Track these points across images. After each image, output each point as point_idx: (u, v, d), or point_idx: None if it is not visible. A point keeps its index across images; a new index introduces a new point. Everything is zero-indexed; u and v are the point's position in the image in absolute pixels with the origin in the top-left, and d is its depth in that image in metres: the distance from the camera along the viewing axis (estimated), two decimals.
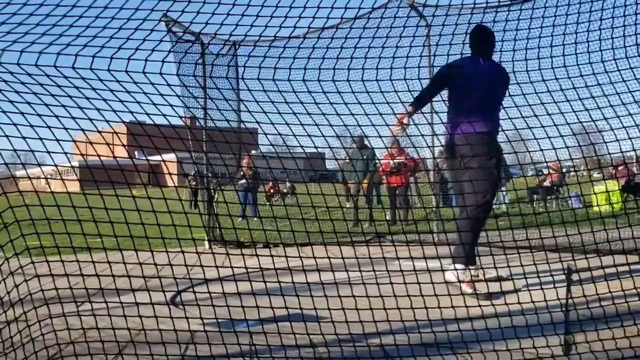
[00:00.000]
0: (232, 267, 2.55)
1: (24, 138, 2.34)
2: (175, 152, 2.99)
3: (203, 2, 2.39)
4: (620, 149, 2.86)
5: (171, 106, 2.57)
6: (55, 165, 2.51)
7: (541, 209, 10.71)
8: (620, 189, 11.20)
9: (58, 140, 2.34)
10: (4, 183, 2.89)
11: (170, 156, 3.44)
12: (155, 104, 2.42)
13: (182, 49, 6.58)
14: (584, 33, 2.79)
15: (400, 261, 2.59)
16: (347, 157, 9.79)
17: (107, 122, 2.49)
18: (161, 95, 2.42)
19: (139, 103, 2.40)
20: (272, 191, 15.27)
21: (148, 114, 2.48)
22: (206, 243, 7.16)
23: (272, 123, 2.71)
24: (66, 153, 2.48)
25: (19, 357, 2.31)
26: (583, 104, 2.86)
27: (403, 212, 9.95)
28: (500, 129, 3.90)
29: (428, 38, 6.24)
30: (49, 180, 2.99)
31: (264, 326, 2.58)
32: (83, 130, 2.47)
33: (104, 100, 2.38)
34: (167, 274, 2.67)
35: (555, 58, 2.78)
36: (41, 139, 2.32)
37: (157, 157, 3.04)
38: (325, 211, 3.06)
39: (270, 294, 2.47)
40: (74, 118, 2.36)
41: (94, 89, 2.38)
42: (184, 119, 6.34)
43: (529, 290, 2.66)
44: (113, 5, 2.37)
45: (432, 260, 2.74)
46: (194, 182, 14.24)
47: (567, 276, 2.57)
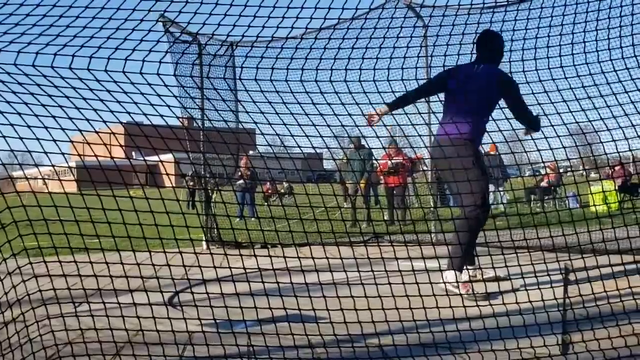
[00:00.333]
0: (230, 268, 2.56)
1: (21, 138, 2.33)
2: (172, 153, 2.99)
3: (200, 3, 2.39)
4: (616, 149, 2.87)
5: (168, 107, 2.58)
6: (52, 165, 2.51)
7: (538, 209, 10.74)
8: (616, 189, 11.23)
9: (55, 140, 2.34)
10: (1, 184, 2.89)
11: (167, 157, 3.44)
12: (152, 105, 2.43)
13: (180, 50, 6.58)
14: (581, 33, 2.80)
15: (398, 261, 2.60)
16: (345, 158, 9.79)
17: (105, 123, 2.48)
18: (158, 95, 2.42)
19: (136, 104, 2.40)
20: (270, 191, 15.27)
21: (145, 115, 2.48)
22: (204, 243, 7.15)
23: (270, 123, 2.71)
24: (63, 153, 2.47)
25: (17, 358, 2.31)
26: (580, 104, 2.87)
27: (401, 213, 9.96)
28: (482, 135, 3.83)
29: (425, 39, 6.26)
30: (46, 180, 2.99)
31: (262, 327, 2.58)
32: (80, 130, 2.47)
33: (101, 100, 2.38)
34: (165, 275, 2.67)
35: (552, 59, 2.79)
36: (38, 140, 2.32)
37: (155, 158, 3.04)
38: (323, 211, 3.06)
39: (268, 295, 2.47)
40: (71, 118, 2.35)
41: (91, 90, 2.38)
42: (182, 120, 6.34)
43: (527, 290, 2.67)
44: (110, 5, 2.38)
45: (430, 260, 2.74)
46: (192, 183, 14.24)
47: (564, 276, 2.58)
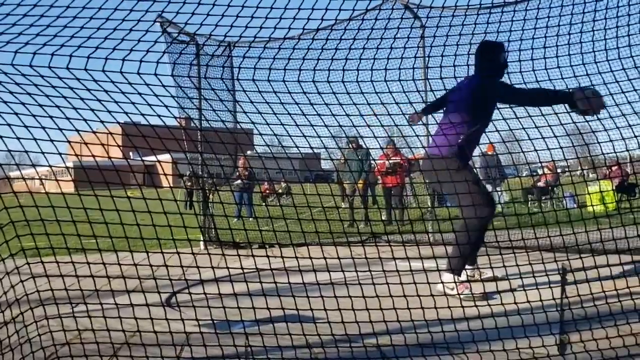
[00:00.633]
0: (228, 268, 2.55)
1: (19, 139, 2.33)
2: (170, 153, 2.98)
3: (198, 3, 2.39)
4: (614, 149, 2.87)
5: (166, 107, 2.57)
6: (49, 166, 2.51)
7: (536, 209, 10.75)
8: (613, 189, 11.26)
9: (53, 141, 2.34)
10: None
11: (165, 157, 3.44)
12: (150, 105, 2.42)
13: (177, 50, 6.58)
14: (577, 34, 2.81)
15: (396, 261, 2.60)
16: (343, 158, 9.79)
17: (102, 123, 2.48)
18: (156, 96, 2.42)
19: (134, 104, 2.40)
20: (268, 191, 15.26)
21: (143, 115, 2.48)
22: (201, 244, 7.15)
23: (268, 124, 2.72)
24: (61, 154, 2.47)
25: (16, 358, 2.30)
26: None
27: (398, 212, 9.97)
28: (472, 145, 3.78)
29: (423, 39, 6.26)
30: (44, 181, 2.98)
31: (260, 327, 2.58)
32: (78, 130, 2.46)
33: (99, 100, 2.38)
34: (163, 275, 2.66)
35: (548, 59, 2.80)
36: (36, 140, 2.31)
37: (152, 158, 3.04)
38: (321, 211, 3.06)
39: (266, 295, 2.47)
40: (69, 119, 2.35)
41: (89, 90, 2.38)
42: (179, 120, 6.33)
43: (525, 290, 2.67)
44: (108, 6, 2.37)
45: (428, 260, 2.75)
46: (189, 183, 14.22)
47: (562, 276, 2.59)
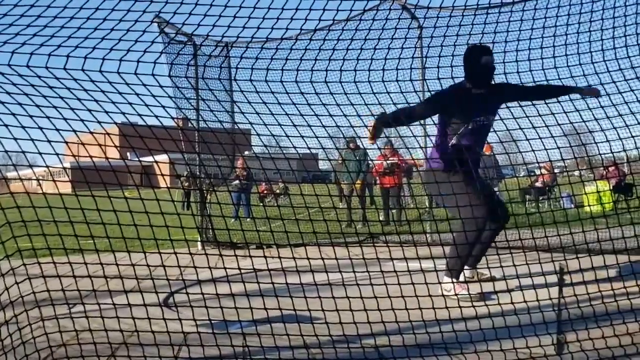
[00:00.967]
0: (226, 268, 2.55)
1: (15, 139, 2.32)
2: (167, 153, 2.98)
3: (195, 4, 2.39)
4: (611, 150, 2.88)
5: (163, 107, 2.57)
6: (46, 166, 2.50)
7: (533, 210, 10.77)
8: (611, 190, 11.29)
9: (50, 141, 2.33)
10: None
11: (162, 157, 3.43)
12: (147, 105, 2.42)
13: (175, 50, 6.57)
14: (574, 34, 2.82)
15: (394, 262, 2.60)
16: (341, 158, 9.79)
17: (99, 123, 2.48)
18: (153, 96, 2.41)
19: (131, 104, 2.40)
20: (265, 192, 15.26)
21: (140, 115, 2.47)
22: (199, 244, 7.14)
23: (265, 124, 2.71)
24: (58, 154, 2.47)
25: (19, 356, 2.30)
26: (574, 105, 2.88)
27: (396, 213, 9.97)
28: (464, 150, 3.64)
29: (420, 39, 6.27)
30: (41, 181, 2.98)
31: (258, 327, 2.58)
32: (75, 131, 2.46)
33: (96, 101, 2.37)
34: (160, 276, 2.66)
35: (545, 59, 2.80)
36: (33, 140, 2.31)
37: (150, 158, 3.03)
38: (318, 212, 3.06)
39: (263, 295, 2.47)
40: (66, 119, 2.35)
41: (86, 90, 2.38)
42: (176, 120, 6.33)
43: (522, 290, 2.67)
44: (105, 6, 2.37)
45: (426, 260, 2.75)
46: (187, 183, 14.21)
47: (559, 276, 2.59)
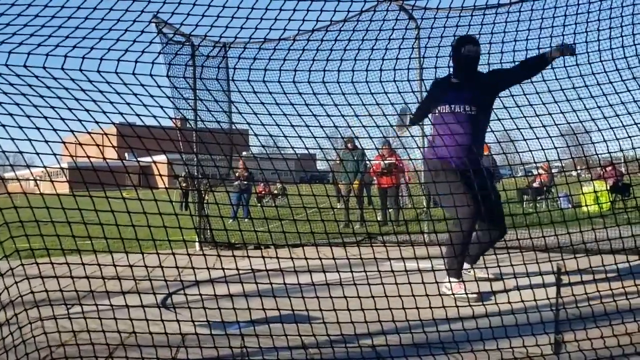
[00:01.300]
0: (224, 269, 2.55)
1: (13, 139, 2.32)
2: (165, 154, 2.98)
3: (193, 4, 2.39)
4: (608, 150, 2.89)
5: (161, 107, 2.57)
6: (44, 166, 2.50)
7: (531, 210, 10.79)
8: (608, 190, 11.31)
9: (47, 141, 2.33)
10: None
11: (160, 158, 3.43)
12: (145, 105, 2.42)
13: (173, 51, 6.56)
14: (571, 35, 2.83)
15: (391, 262, 2.60)
16: (338, 158, 9.79)
17: (97, 124, 2.48)
18: (151, 96, 2.41)
19: (129, 104, 2.39)
20: (263, 192, 15.26)
21: (138, 115, 2.47)
22: (197, 245, 7.14)
23: (263, 124, 2.71)
24: (55, 154, 2.46)
25: (11, 359, 2.30)
26: (571, 105, 2.88)
27: (394, 213, 9.97)
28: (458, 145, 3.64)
29: (418, 40, 6.28)
30: (38, 182, 2.97)
31: (256, 328, 2.58)
32: (72, 131, 2.45)
33: (94, 101, 2.37)
34: (158, 276, 2.66)
35: None
36: (30, 141, 2.30)
37: (148, 159, 3.03)
38: (316, 212, 3.06)
39: (261, 295, 2.47)
40: (63, 119, 2.34)
41: (84, 90, 2.37)
42: (174, 121, 6.32)
43: (519, 290, 2.68)
44: (103, 6, 2.37)
45: (423, 260, 2.75)
46: (185, 184, 14.20)
47: (557, 276, 2.60)
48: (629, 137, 2.82)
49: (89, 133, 2.74)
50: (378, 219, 10.18)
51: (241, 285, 2.49)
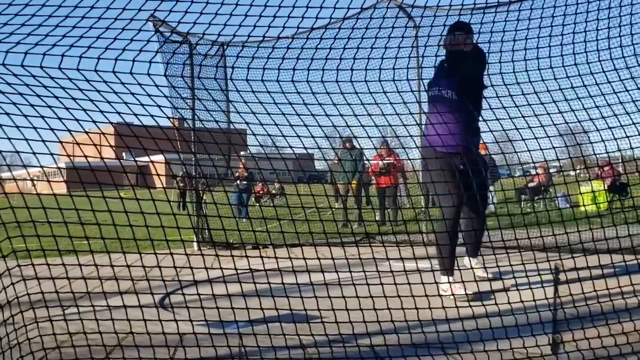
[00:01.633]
0: (222, 269, 2.54)
1: (9, 139, 2.31)
2: (163, 153, 2.97)
3: (191, 2, 2.38)
4: (606, 150, 2.89)
5: (159, 107, 2.56)
6: (41, 166, 2.49)
7: (529, 209, 10.80)
8: (605, 189, 11.32)
9: (44, 141, 2.32)
10: None
11: (158, 157, 3.42)
12: (143, 105, 2.41)
13: (170, 50, 6.55)
14: (570, 34, 2.82)
15: (390, 262, 2.60)
16: (337, 158, 9.79)
17: (94, 123, 2.46)
18: (149, 95, 2.40)
19: (127, 104, 2.38)
20: (262, 192, 15.25)
21: (136, 115, 2.46)
22: (195, 245, 7.13)
23: (261, 124, 2.71)
24: (52, 154, 2.45)
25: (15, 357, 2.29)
26: (569, 105, 2.88)
27: (392, 213, 9.98)
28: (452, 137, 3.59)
29: (416, 39, 6.26)
30: (35, 182, 2.96)
31: (254, 327, 2.58)
32: (70, 131, 2.44)
33: (91, 100, 2.36)
34: (156, 276, 2.65)
35: (541, 59, 2.80)
36: (27, 140, 2.29)
37: (145, 158, 3.02)
38: (314, 212, 3.05)
39: (260, 295, 2.47)
40: (61, 119, 2.33)
41: (81, 90, 2.36)
42: (172, 120, 6.31)
43: (518, 290, 2.68)
44: (100, 5, 2.36)
45: (422, 260, 2.75)
46: (182, 184, 14.16)
47: (555, 275, 2.60)
48: (627, 137, 2.82)
49: (87, 133, 2.73)
50: (376, 219, 10.18)
51: (239, 285, 2.48)
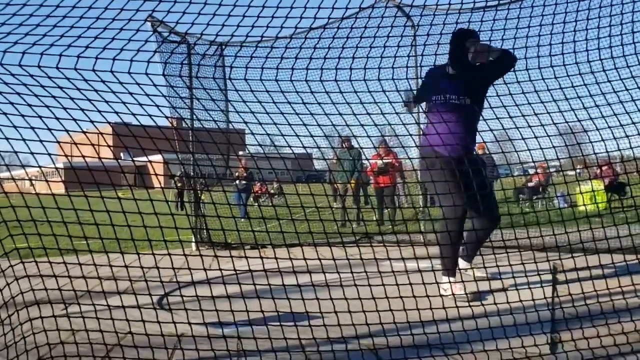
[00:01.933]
0: (220, 269, 2.53)
1: (7, 139, 2.30)
2: (161, 153, 2.96)
3: (189, 3, 2.37)
4: (605, 149, 2.88)
5: (157, 107, 2.55)
6: (39, 166, 2.48)
7: (528, 209, 10.80)
8: (605, 189, 11.32)
9: (42, 141, 2.31)
10: None
11: (156, 157, 3.41)
12: (141, 105, 2.40)
13: (168, 49, 6.54)
14: (571, 33, 2.82)
15: (390, 262, 2.59)
16: (336, 157, 9.77)
17: (92, 123, 2.45)
18: (147, 95, 2.39)
19: (125, 104, 2.37)
20: (261, 192, 15.23)
21: (134, 115, 2.45)
22: (193, 245, 7.11)
23: (260, 123, 2.70)
24: (50, 154, 2.44)
25: (11, 356, 2.28)
26: (569, 104, 2.88)
27: (391, 212, 9.97)
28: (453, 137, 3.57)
29: (415, 38, 6.26)
30: (34, 182, 2.95)
31: (253, 328, 2.57)
32: (68, 131, 2.43)
33: (89, 100, 2.35)
34: (154, 276, 2.64)
35: (542, 58, 2.80)
36: (25, 140, 2.28)
37: (143, 158, 3.01)
38: (313, 211, 3.05)
39: (259, 296, 2.46)
40: (59, 119, 2.32)
41: (79, 89, 2.35)
42: (171, 120, 6.29)
43: (517, 289, 2.67)
44: (98, 5, 2.35)
45: (423, 260, 2.74)
46: (180, 184, 14.15)
47: (554, 275, 2.60)
48: (627, 137, 2.82)
49: (84, 132, 2.72)
50: (375, 219, 10.17)
51: (238, 285, 2.48)
